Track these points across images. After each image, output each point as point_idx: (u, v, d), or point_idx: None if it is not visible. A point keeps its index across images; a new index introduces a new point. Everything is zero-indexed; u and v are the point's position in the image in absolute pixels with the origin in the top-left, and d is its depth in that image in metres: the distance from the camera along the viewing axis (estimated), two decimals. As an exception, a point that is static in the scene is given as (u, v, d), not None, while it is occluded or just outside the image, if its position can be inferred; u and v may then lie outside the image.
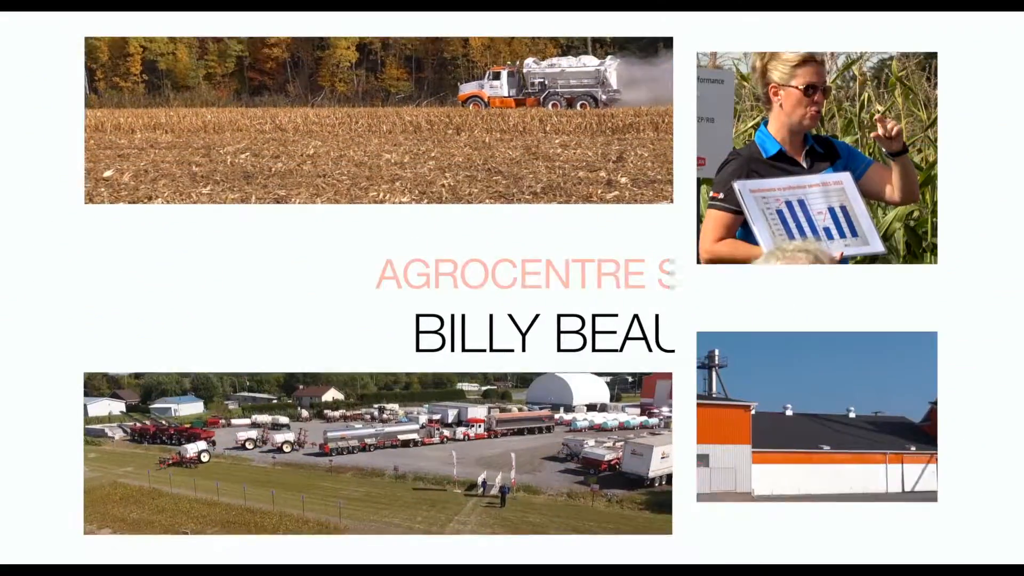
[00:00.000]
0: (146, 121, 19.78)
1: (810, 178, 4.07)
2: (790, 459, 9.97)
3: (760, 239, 3.95)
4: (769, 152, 4.14)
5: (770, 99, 4.14)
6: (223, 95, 24.50)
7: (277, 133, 17.82)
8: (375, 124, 18.93)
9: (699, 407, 5.34)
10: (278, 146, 15.18)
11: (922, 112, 7.16)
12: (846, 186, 4.05)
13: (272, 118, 19.91)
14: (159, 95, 24.37)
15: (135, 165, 12.73)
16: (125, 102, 23.89)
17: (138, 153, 14.50)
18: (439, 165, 12.52)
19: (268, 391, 15.41)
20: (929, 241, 6.09)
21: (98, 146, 15.45)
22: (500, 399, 15.99)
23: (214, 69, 24.47)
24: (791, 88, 4.04)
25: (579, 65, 22.08)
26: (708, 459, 9.07)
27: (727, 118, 5.70)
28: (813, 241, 3.91)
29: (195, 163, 12.98)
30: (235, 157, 13.60)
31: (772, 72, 4.09)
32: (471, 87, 22.64)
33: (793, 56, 4.04)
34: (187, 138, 17.22)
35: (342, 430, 12.19)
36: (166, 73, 24.70)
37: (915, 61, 7.43)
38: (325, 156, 13.75)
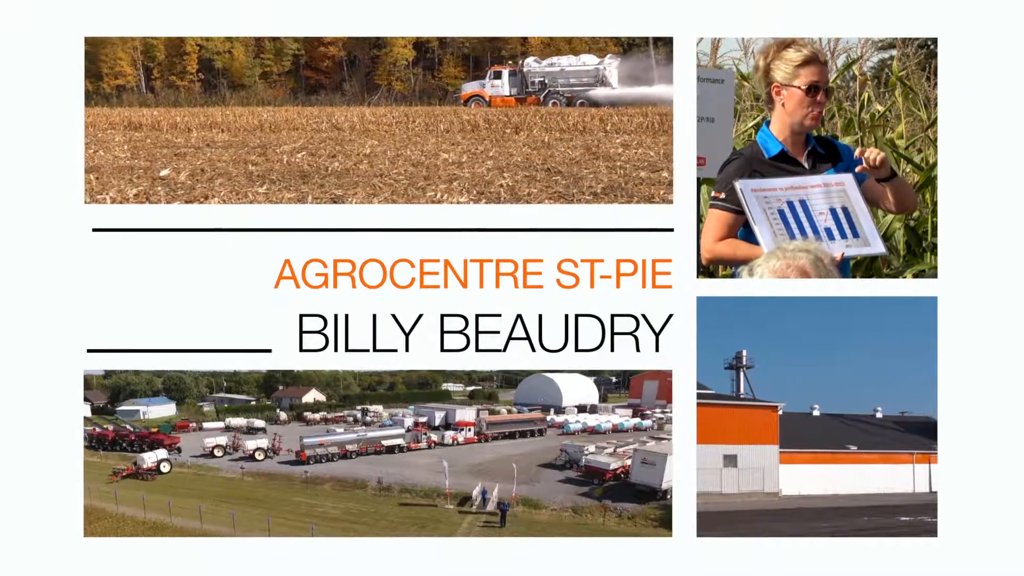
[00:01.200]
0: (202, 120, 19.69)
1: (812, 179, 4.07)
2: (817, 459, 9.99)
3: (761, 239, 3.95)
4: (771, 152, 4.14)
5: (772, 99, 4.14)
6: (279, 94, 24.47)
7: (333, 132, 17.63)
8: (432, 123, 18.75)
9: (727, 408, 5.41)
10: (334, 145, 14.99)
11: (922, 112, 7.16)
12: (848, 187, 4.05)
13: (328, 117, 19.71)
14: (215, 94, 24.47)
15: (192, 164, 12.57)
16: (181, 101, 24.07)
17: (194, 152, 14.33)
18: (497, 165, 12.28)
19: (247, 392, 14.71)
20: (929, 241, 6.10)
21: (155, 145, 15.56)
22: (487, 400, 15.66)
23: (270, 68, 24.53)
24: (793, 88, 4.04)
25: (579, 64, 22.02)
26: (736, 459, 9.11)
27: (727, 118, 5.71)
28: (814, 241, 3.91)
29: (251, 162, 12.81)
30: (291, 156, 13.46)
31: (775, 72, 4.09)
32: (473, 86, 22.61)
33: (796, 56, 4.04)
34: (243, 137, 17.03)
35: (320, 435, 11.37)
36: (222, 72, 24.70)
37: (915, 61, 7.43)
38: (382, 155, 13.51)
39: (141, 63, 25.03)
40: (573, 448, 10.73)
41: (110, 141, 16.13)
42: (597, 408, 14.82)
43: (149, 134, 17.84)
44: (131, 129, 18.89)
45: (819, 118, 4.12)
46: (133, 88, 24.84)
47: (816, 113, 4.08)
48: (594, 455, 10.19)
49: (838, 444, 10.50)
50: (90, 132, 17.30)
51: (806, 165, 4.15)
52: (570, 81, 22.26)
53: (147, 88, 24.99)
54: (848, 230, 4.02)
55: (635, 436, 12.43)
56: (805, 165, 4.15)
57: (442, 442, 12.14)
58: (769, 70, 4.11)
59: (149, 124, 19.38)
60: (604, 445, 11.01)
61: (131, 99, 24.24)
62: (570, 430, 13.20)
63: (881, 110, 7.24)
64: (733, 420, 9.44)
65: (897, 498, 4.31)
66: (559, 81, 22.32)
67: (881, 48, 8.26)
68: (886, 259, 6.11)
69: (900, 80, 7.00)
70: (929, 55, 7.34)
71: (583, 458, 10.35)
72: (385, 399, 14.95)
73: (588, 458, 10.08)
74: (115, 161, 13.09)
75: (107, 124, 19.24)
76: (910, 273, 5.97)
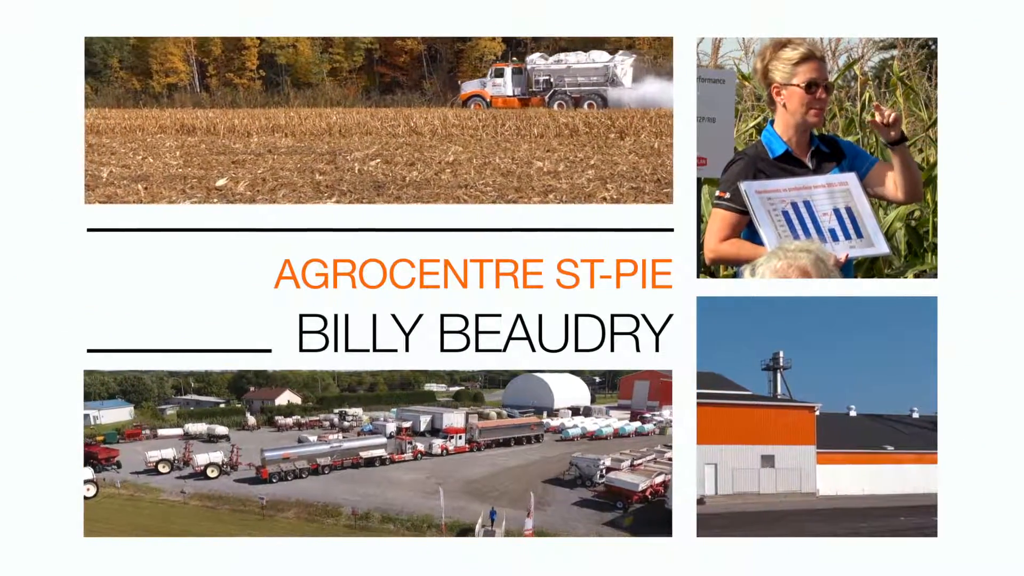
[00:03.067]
0: (263, 123, 17.85)
1: (815, 179, 4.07)
2: (854, 459, 9.99)
3: (766, 240, 3.95)
4: (776, 152, 4.14)
5: (774, 100, 4.14)
6: (350, 93, 21.79)
7: (412, 137, 16.01)
8: (524, 127, 16.86)
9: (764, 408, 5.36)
10: (413, 152, 13.49)
11: (923, 112, 7.15)
12: (851, 187, 4.05)
13: (406, 119, 17.75)
14: (278, 93, 21.82)
15: (251, 173, 11.28)
16: (240, 101, 21.59)
17: (254, 159, 12.90)
18: (599, 175, 10.84)
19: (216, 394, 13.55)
20: (930, 241, 6.09)
21: (210, 151, 14.08)
22: (473, 401, 14.61)
23: (340, 64, 21.70)
24: (793, 87, 4.04)
25: (587, 61, 20.18)
26: (773, 460, 9.11)
27: (728, 118, 5.70)
28: (816, 241, 3.91)
29: (319, 171, 11.49)
30: (364, 164, 12.04)
31: (773, 72, 4.09)
32: (472, 85, 20.65)
33: (793, 54, 4.04)
34: (309, 142, 15.41)
35: (286, 447, 9.80)
36: (285, 68, 22.03)
37: (916, 61, 7.42)
38: (467, 163, 12.04)
39: (195, 59, 22.52)
40: (585, 462, 9.56)
41: (160, 147, 14.74)
42: (591, 410, 13.98)
43: (204, 139, 16.28)
44: (184, 133, 17.30)
45: (821, 114, 4.12)
46: (186, 87, 22.44)
47: (818, 110, 4.08)
48: (618, 475, 9.04)
49: (875, 444, 10.50)
50: (138, 136, 16.26)
51: (810, 165, 4.15)
52: (578, 80, 20.42)
53: (202, 87, 22.53)
54: (852, 230, 4.01)
55: (647, 444, 11.54)
56: (809, 165, 4.15)
57: (430, 452, 10.89)
58: (767, 71, 4.11)
59: (204, 127, 17.67)
60: (620, 457, 9.93)
61: (184, 99, 21.96)
62: (569, 436, 12.28)
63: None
64: (770, 421, 9.47)
65: (934, 498, 4.34)
66: (566, 80, 20.48)
67: (882, 48, 8.25)
68: (887, 259, 6.10)
69: (901, 80, 6.99)
70: (930, 55, 7.33)
71: (596, 472, 9.34)
72: (365, 401, 13.80)
73: (611, 476, 8.98)
74: (166, 169, 11.90)
75: (157, 127, 17.65)
76: (911, 273, 5.96)
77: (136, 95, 21.70)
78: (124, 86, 21.75)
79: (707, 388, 9.55)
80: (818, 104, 4.07)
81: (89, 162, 11.76)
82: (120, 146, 14.59)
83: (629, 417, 13.54)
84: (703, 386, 9.51)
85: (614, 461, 9.56)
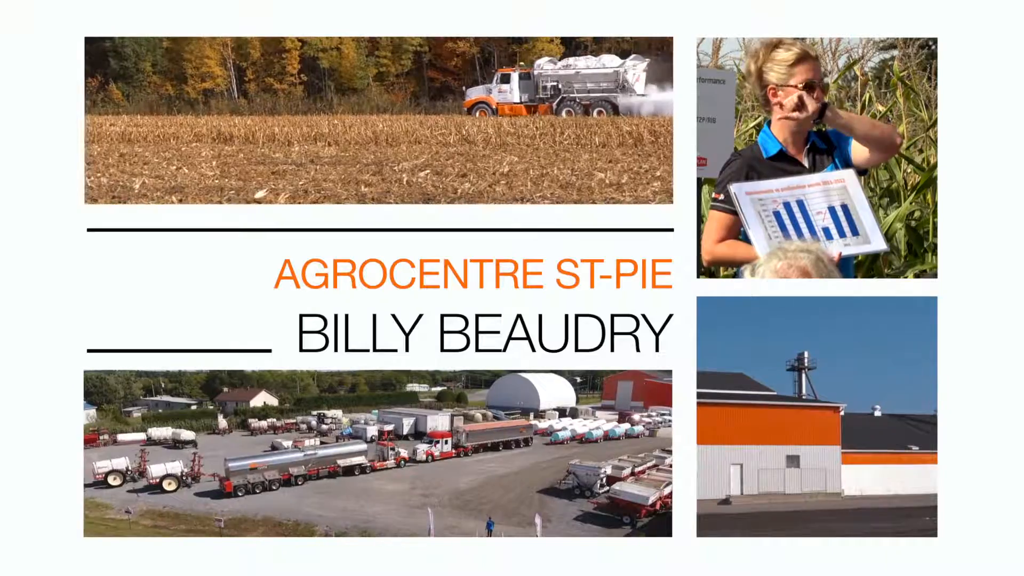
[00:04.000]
0: (305, 131, 16.75)
1: (809, 177, 4.05)
2: (879, 460, 9.98)
3: (755, 242, 3.94)
4: (769, 152, 4.13)
5: (769, 101, 4.13)
6: (397, 99, 20.27)
7: (464, 146, 15.05)
8: (585, 135, 15.84)
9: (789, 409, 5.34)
10: (465, 162, 12.65)
11: (923, 112, 7.14)
12: (848, 184, 4.02)
13: (457, 127, 16.58)
14: (321, 99, 20.41)
15: (292, 184, 10.61)
16: (280, 107, 20.22)
17: (295, 170, 12.08)
18: (665, 187, 10.22)
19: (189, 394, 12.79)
20: (930, 241, 6.09)
21: (248, 160, 13.21)
22: (456, 402, 14.03)
23: (387, 67, 20.23)
24: (790, 88, 4.03)
25: (597, 66, 19.01)
26: (799, 460, 9.12)
27: (728, 118, 5.70)
28: (816, 242, 3.90)
29: (364, 182, 10.88)
30: (412, 176, 11.34)
31: (768, 74, 4.08)
32: (477, 92, 19.44)
33: (788, 55, 4.03)
34: (354, 152, 14.45)
35: (253, 457, 8.73)
36: (329, 72, 20.57)
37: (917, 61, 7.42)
38: (523, 175, 11.30)
39: (232, 63, 20.88)
40: (584, 470, 8.84)
41: (196, 156, 13.95)
42: (578, 411, 13.57)
43: (242, 148, 15.39)
44: (221, 142, 16.38)
45: (819, 113, 4.11)
46: (223, 93, 20.80)
47: (815, 109, 4.07)
48: (624, 486, 8.24)
49: (900, 444, 10.49)
50: (172, 145, 15.45)
51: (806, 163, 4.14)
52: (587, 86, 19.08)
53: (239, 92, 20.85)
54: (847, 228, 4.00)
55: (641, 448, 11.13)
56: (805, 163, 4.14)
57: (414, 458, 10.10)
58: (762, 73, 4.10)
59: (242, 136, 16.66)
60: (620, 464, 9.30)
61: (221, 106, 20.36)
62: (559, 439, 11.77)
63: (882, 110, 7.22)
64: (795, 421, 9.47)
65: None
66: (574, 86, 19.13)
67: (882, 48, 8.25)
68: (887, 259, 6.10)
69: (901, 80, 6.98)
70: (930, 55, 7.32)
71: (596, 481, 8.66)
72: (345, 402, 13.10)
73: (616, 489, 8.18)
74: (201, 180, 11.19)
75: (192, 136, 16.71)
76: (911, 273, 5.96)
77: (170, 101, 20.42)
78: (157, 91, 20.48)
79: (733, 389, 9.54)
80: (815, 104, 4.06)
81: (120, 172, 11.66)
82: (153, 155, 13.98)
83: (617, 419, 13.24)
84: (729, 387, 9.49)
85: (615, 469, 9.05)
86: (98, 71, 19.46)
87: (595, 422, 12.93)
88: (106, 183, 10.67)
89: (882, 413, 11.73)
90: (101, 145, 15.37)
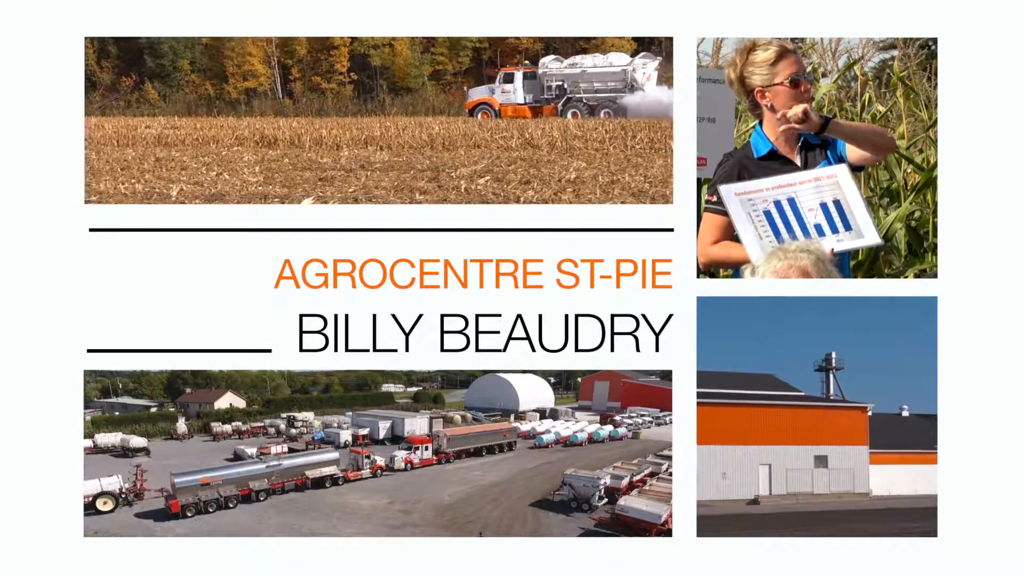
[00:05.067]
0: (355, 134, 15.60)
1: (801, 175, 4.02)
2: (907, 460, 9.98)
3: (744, 243, 3.94)
4: (760, 152, 4.12)
5: (758, 104, 4.11)
6: (455, 100, 18.94)
7: (527, 151, 14.01)
8: (659, 139, 14.87)
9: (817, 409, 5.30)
10: (528, 168, 11.88)
11: (923, 112, 7.14)
12: (840, 179, 4.00)
13: (520, 130, 15.54)
14: (371, 100, 19.10)
15: (341, 191, 10.06)
16: (328, 108, 18.96)
17: (344, 176, 11.37)
18: None
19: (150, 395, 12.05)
20: (930, 241, 6.09)
21: (294, 166, 12.44)
22: (433, 403, 13.47)
23: (443, 66, 19.02)
24: (777, 86, 4.02)
25: (604, 64, 18.11)
26: (827, 460, 9.13)
27: (728, 118, 5.71)
28: (815, 241, 3.90)
29: (419, 189, 10.11)
30: (471, 182, 10.66)
31: (751, 78, 4.06)
32: (480, 92, 18.44)
33: (768, 55, 4.01)
34: (408, 156, 13.49)
35: (204, 471, 7.55)
36: (381, 71, 19.24)
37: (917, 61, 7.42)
38: (591, 182, 10.51)
39: (277, 60, 19.56)
40: (581, 480, 8.12)
41: (238, 161, 13.03)
42: (558, 412, 13.14)
43: (287, 152, 14.30)
44: (264, 146, 15.33)
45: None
46: (266, 92, 19.53)
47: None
48: (627, 499, 7.52)
49: (928, 444, 10.51)
50: (212, 149, 14.47)
51: (798, 160, 4.12)
52: (593, 85, 18.11)
53: (284, 92, 19.58)
54: (840, 224, 3.98)
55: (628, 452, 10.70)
56: (796, 160, 4.12)
57: (391, 467, 9.35)
58: (744, 78, 4.08)
59: (287, 139, 15.58)
60: (618, 473, 8.71)
61: (264, 107, 19.19)
62: (543, 442, 11.17)
63: (882, 110, 7.23)
64: (823, 421, 9.52)
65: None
66: (580, 86, 18.14)
67: (882, 48, 8.25)
68: (887, 259, 6.10)
69: (901, 80, 6.98)
70: (930, 55, 7.33)
71: (594, 493, 7.96)
72: (318, 404, 12.38)
73: (623, 505, 7.38)
74: (243, 187, 10.49)
75: (234, 139, 15.68)
76: (911, 273, 5.96)
77: (210, 102, 19.22)
78: (196, 91, 19.27)
79: (761, 390, 9.53)
80: (805, 97, 4.05)
81: (156, 178, 10.97)
82: (192, 160, 13.11)
83: (600, 420, 12.84)
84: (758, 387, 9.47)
85: (613, 479, 8.40)
86: (133, 70, 18.26)
87: (578, 424, 12.49)
88: (141, 190, 10.03)
89: (909, 413, 11.73)
90: (136, 149, 14.50)
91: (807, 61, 7.62)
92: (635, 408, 13.23)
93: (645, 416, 13.02)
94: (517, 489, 8.40)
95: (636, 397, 13.49)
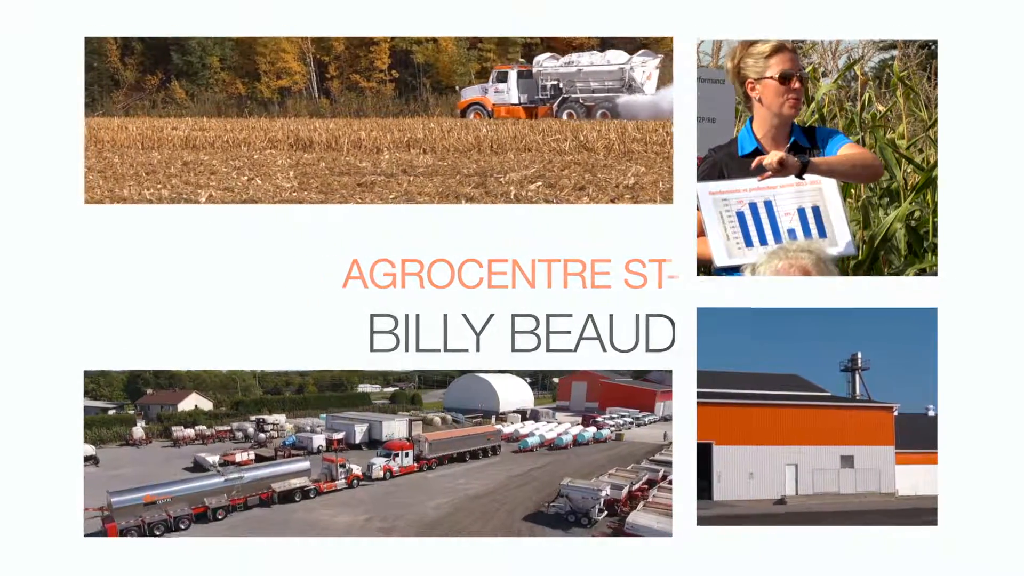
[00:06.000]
0: (396, 136, 14.66)
1: (785, 179, 3.99)
2: (933, 460, 9.97)
3: (711, 242, 3.94)
4: (745, 150, 4.13)
5: (749, 97, 4.14)
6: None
7: (581, 154, 13.28)
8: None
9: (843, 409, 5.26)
10: (583, 173, 11.25)
11: (923, 112, 7.14)
12: (824, 186, 4.00)
13: (574, 132, 14.57)
14: (414, 100, 17.81)
15: (381, 197, 9.56)
16: (367, 109, 17.70)
17: (385, 181, 10.71)
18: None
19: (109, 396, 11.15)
20: (930, 241, 6.08)
21: (331, 171, 11.73)
22: (411, 404, 12.96)
23: (491, 63, 17.63)
24: (767, 80, 4.04)
25: (601, 63, 17.10)
26: (853, 460, 9.12)
27: (728, 118, 5.70)
28: (816, 241, 3.90)
29: (465, 195, 9.73)
30: (521, 188, 10.08)
31: (746, 69, 4.09)
32: (473, 92, 17.52)
33: (764, 48, 4.03)
34: (453, 160, 12.75)
35: (147, 488, 6.63)
36: (424, 68, 17.91)
37: (917, 61, 7.41)
38: (651, 188, 10.02)
39: (313, 57, 18.31)
40: (579, 492, 7.65)
41: (271, 165, 12.30)
42: (539, 414, 12.78)
43: (323, 155, 13.57)
44: (299, 149, 14.46)
45: (798, 105, 4.10)
46: (301, 92, 18.28)
47: (793, 100, 4.06)
48: (634, 515, 7.04)
49: None
50: (243, 152, 13.76)
51: None
52: (590, 85, 17.22)
53: (320, 92, 18.17)
54: (815, 229, 3.98)
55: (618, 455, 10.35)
56: None
57: (369, 476, 8.60)
58: (740, 69, 4.11)
59: (323, 142, 14.69)
60: (617, 483, 8.24)
61: (299, 107, 17.97)
62: (528, 446, 10.69)
63: (882, 110, 7.22)
64: (849, 421, 9.49)
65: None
66: (577, 85, 17.26)
67: (882, 48, 8.24)
68: (887, 259, 6.09)
69: (901, 80, 6.98)
70: (930, 55, 7.32)
71: (594, 506, 7.52)
72: (290, 405, 11.67)
73: (631, 523, 6.93)
74: (277, 193, 9.92)
75: (266, 141, 14.78)
76: (911, 272, 5.96)
77: (241, 101, 18.03)
78: (226, 90, 18.07)
79: (786, 390, 9.49)
80: (794, 94, 4.05)
81: (184, 183, 10.49)
82: (221, 164, 12.42)
83: (582, 422, 12.49)
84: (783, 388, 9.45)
85: (613, 489, 7.92)
86: (159, 67, 17.21)
87: (561, 426, 12.12)
88: (167, 195, 9.57)
89: (936, 413, 11.74)
90: (162, 152, 13.71)
91: (807, 61, 7.61)
92: (614, 408, 12.99)
93: (625, 417, 12.85)
94: (507, 500, 7.94)
95: (614, 397, 13.30)
